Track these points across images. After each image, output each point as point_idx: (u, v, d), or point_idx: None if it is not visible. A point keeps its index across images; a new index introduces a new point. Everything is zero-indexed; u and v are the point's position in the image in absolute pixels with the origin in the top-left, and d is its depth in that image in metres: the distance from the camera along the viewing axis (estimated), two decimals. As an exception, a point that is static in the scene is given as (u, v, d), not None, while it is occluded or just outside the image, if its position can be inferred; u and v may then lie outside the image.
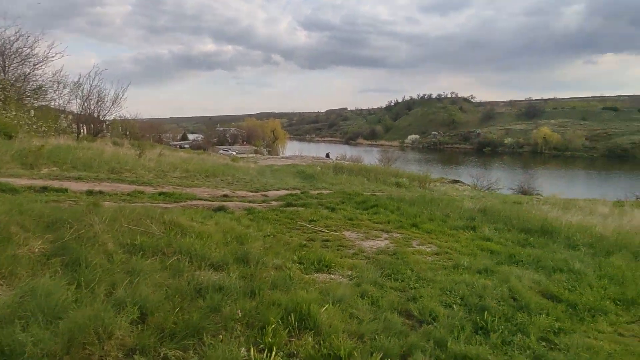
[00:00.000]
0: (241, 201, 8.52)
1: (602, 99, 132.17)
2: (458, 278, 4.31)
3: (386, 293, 3.79)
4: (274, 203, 8.50)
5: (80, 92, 20.23)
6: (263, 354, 2.45)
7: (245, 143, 65.62)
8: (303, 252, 4.74)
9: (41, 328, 2.27)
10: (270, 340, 2.56)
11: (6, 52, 17.81)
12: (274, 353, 2.46)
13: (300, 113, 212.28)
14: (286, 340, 2.66)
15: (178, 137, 73.68)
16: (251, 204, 8.08)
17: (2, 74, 17.86)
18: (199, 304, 2.89)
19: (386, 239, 6.06)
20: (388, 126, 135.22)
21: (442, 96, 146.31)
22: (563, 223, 7.83)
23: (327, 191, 11.10)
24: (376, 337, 2.86)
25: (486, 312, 3.48)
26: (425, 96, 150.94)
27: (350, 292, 3.58)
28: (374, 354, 2.61)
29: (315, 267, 4.34)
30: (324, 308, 3.07)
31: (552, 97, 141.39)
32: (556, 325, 3.49)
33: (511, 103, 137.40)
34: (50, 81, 18.85)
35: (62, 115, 20.79)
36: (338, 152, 45.96)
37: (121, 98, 21.22)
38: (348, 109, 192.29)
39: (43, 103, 19.74)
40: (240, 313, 2.77)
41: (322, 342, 2.66)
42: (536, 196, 20.75)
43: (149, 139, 38.44)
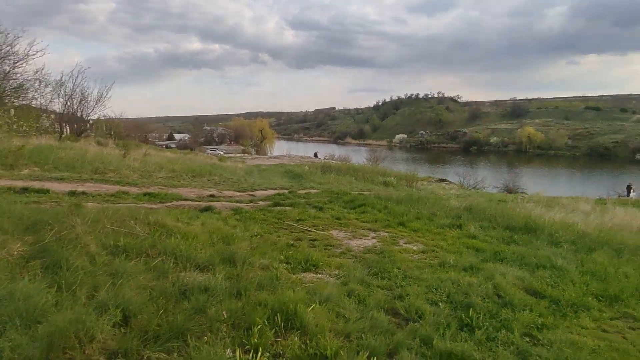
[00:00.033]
0: (228, 201, 8.45)
1: (585, 99, 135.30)
2: (444, 276, 4.35)
3: (373, 292, 3.80)
4: (262, 203, 8.46)
5: (62, 91, 19.86)
6: (249, 355, 2.43)
7: (232, 143, 65.18)
8: (290, 252, 4.72)
9: (19, 333, 2.21)
10: (256, 340, 2.54)
11: (-16, 50, 17.32)
12: (260, 354, 2.44)
13: (288, 113, 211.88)
14: (272, 340, 2.64)
15: (164, 137, 72.79)
16: (238, 204, 8.03)
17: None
18: (184, 306, 2.86)
19: (373, 238, 6.08)
20: (376, 126, 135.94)
21: (429, 96, 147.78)
22: (546, 220, 7.97)
23: (315, 191, 11.10)
24: (363, 336, 2.86)
25: (471, 309, 3.51)
26: (412, 96, 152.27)
27: (337, 292, 3.57)
28: (361, 353, 2.61)
29: (302, 267, 4.33)
30: (311, 308, 3.06)
31: (536, 97, 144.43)
32: (539, 321, 3.54)
33: (496, 103, 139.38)
34: (31, 79, 18.22)
35: (44, 114, 20.32)
36: (326, 152, 45.92)
37: (105, 97, 20.93)
38: (336, 109, 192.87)
39: (24, 102, 19.19)
40: (225, 314, 2.74)
41: (309, 342, 2.66)
42: (521, 194, 21.09)
43: (135, 139, 38.00)
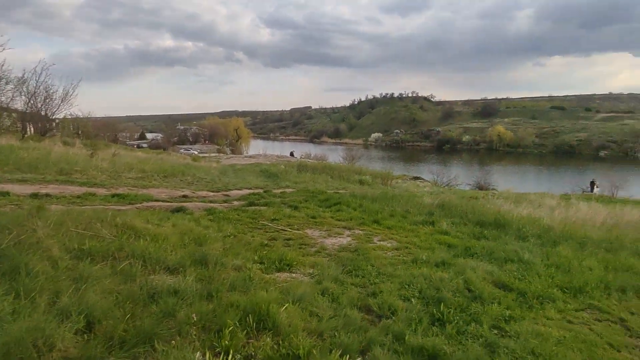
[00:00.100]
0: (201, 201, 8.30)
1: (550, 99, 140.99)
2: (417, 272, 4.41)
3: (347, 289, 3.82)
4: (236, 203, 8.35)
5: (25, 89, 18.92)
6: (219, 358, 2.39)
7: (207, 142, 63.94)
8: (264, 252, 4.68)
9: (-29, 344, 2.08)
10: (227, 343, 2.49)
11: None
12: (231, 356, 2.40)
13: (264, 112, 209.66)
14: (244, 342, 2.60)
15: (135, 137, 70.61)
16: (212, 204, 7.89)
17: None
18: (152, 310, 2.78)
19: (348, 236, 6.11)
20: (352, 125, 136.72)
21: (404, 95, 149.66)
22: (514, 216, 8.24)
23: (291, 190, 11.06)
24: (336, 334, 2.86)
25: (442, 304, 3.58)
26: (387, 95, 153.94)
27: (310, 290, 3.56)
28: (333, 351, 2.60)
29: (276, 267, 4.29)
30: (284, 307, 3.03)
31: (506, 97, 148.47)
32: (507, 313, 3.65)
33: (468, 102, 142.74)
34: (-10, 76, 17.45)
35: (5, 113, 19.37)
36: (303, 151, 45.82)
37: (72, 95, 20.05)
38: (312, 108, 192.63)
39: (-18, 100, 18.26)
40: (195, 317, 2.68)
41: (281, 342, 2.63)
42: (491, 191, 21.71)
43: (104, 139, 36.74)
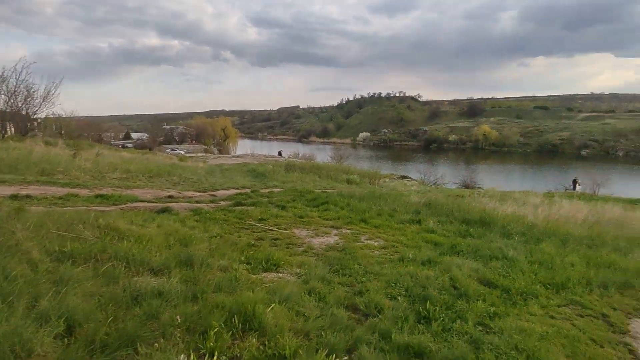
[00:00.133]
0: (188, 202, 8.20)
1: (534, 99, 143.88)
2: (403, 270, 4.44)
3: (334, 289, 3.81)
4: (223, 203, 8.28)
5: (4, 87, 18.45)
6: (204, 359, 2.36)
7: (194, 142, 63.32)
8: (251, 252, 4.65)
9: (-56, 351, 2.02)
10: (212, 344, 2.46)
11: None
12: (216, 357, 2.37)
13: (251, 111, 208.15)
14: (229, 343, 2.58)
15: (120, 136, 69.44)
16: (198, 205, 7.81)
17: None
18: (136, 312, 2.73)
19: (336, 235, 6.11)
20: (340, 124, 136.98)
21: (391, 95, 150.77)
22: (499, 214, 8.37)
23: (279, 189, 11.02)
24: (322, 334, 2.86)
25: (428, 302, 3.60)
26: (375, 95, 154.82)
27: (297, 290, 3.55)
28: (320, 351, 2.60)
29: (263, 267, 4.27)
30: (270, 308, 3.01)
31: (491, 97, 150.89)
32: (492, 310, 3.69)
33: (454, 102, 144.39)
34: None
35: (-17, 112, 18.84)
36: (291, 150, 45.73)
37: (53, 94, 19.64)
38: (300, 107, 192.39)
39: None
40: (180, 318, 2.64)
41: (267, 343, 2.62)
42: (477, 189, 22.01)
43: (88, 139, 36.01)
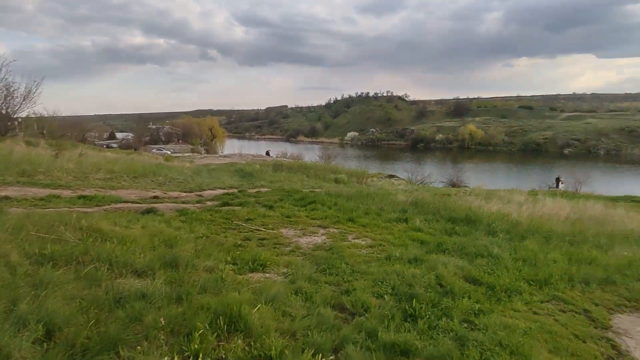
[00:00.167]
0: (173, 202, 8.10)
1: (519, 99, 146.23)
2: (390, 269, 4.46)
3: (320, 288, 3.81)
4: (209, 203, 8.20)
5: (-17, 86, 17.92)
6: (188, 362, 2.33)
7: (181, 142, 62.51)
8: (237, 252, 4.61)
9: None
10: (196, 346, 2.43)
11: None
12: (200, 359, 2.34)
13: (239, 110, 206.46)
14: (214, 345, 2.55)
15: (105, 136, 68.09)
16: (184, 205, 7.72)
17: None
18: (118, 315, 2.68)
19: (323, 235, 6.11)
20: (328, 123, 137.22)
21: (379, 95, 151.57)
22: (485, 212, 8.48)
23: (266, 189, 10.97)
24: (309, 333, 2.85)
25: (415, 300, 3.62)
26: (363, 94, 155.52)
27: (284, 290, 3.54)
28: (306, 351, 2.59)
29: (249, 267, 4.24)
30: (256, 308, 3.00)
31: (477, 97, 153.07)
32: (477, 307, 3.74)
33: (441, 102, 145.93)
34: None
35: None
36: (278, 150, 45.58)
37: (35, 93, 19.21)
38: (288, 107, 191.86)
39: None
40: (163, 321, 2.61)
41: (253, 344, 2.60)
42: (463, 188, 22.27)
43: (71, 138, 35.20)
